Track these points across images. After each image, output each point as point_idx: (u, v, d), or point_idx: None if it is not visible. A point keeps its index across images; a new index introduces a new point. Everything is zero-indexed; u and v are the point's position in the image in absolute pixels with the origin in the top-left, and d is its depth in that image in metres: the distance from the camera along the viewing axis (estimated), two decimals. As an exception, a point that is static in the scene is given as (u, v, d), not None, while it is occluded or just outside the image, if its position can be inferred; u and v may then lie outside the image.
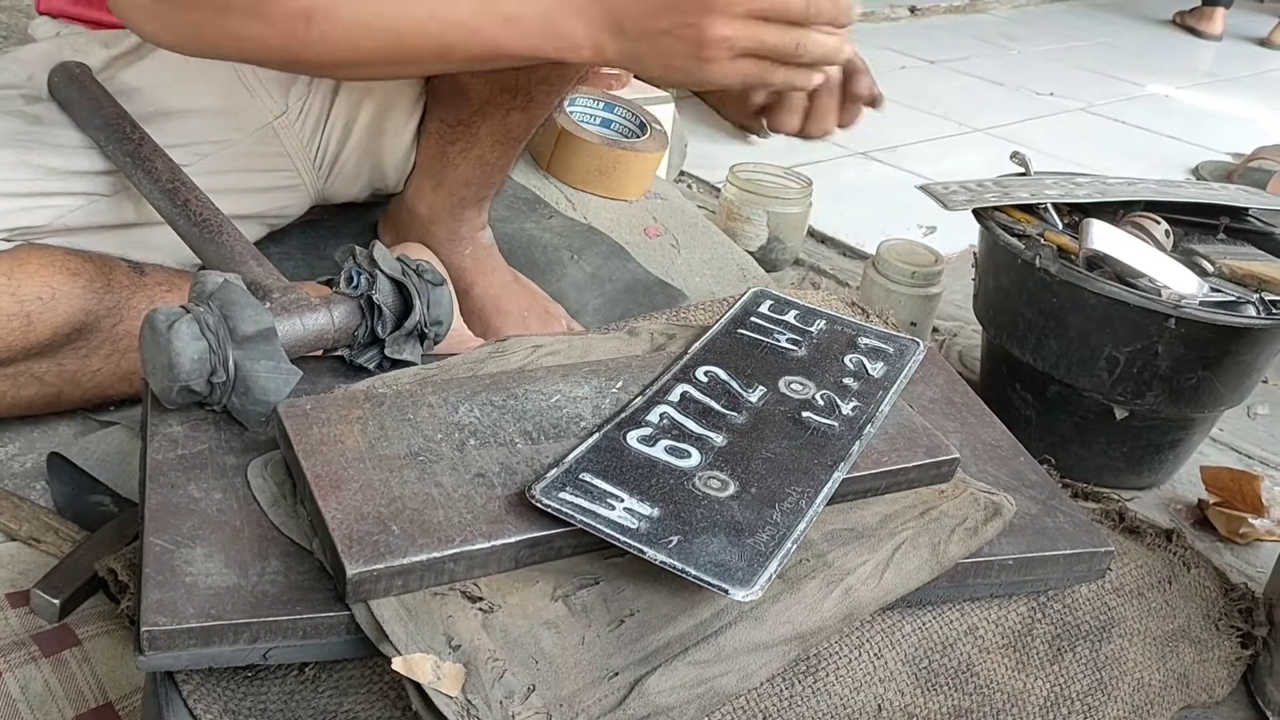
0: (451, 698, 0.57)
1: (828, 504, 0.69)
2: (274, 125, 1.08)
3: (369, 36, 0.81)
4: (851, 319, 0.89)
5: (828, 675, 0.68)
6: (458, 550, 0.62)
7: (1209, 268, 1.10)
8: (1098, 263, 1.05)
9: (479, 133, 1.10)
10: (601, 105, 1.60)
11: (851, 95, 0.95)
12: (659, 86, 0.78)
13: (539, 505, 0.63)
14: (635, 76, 1.64)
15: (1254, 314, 1.03)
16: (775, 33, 0.78)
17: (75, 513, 0.90)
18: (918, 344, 0.87)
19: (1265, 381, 1.41)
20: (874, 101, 0.96)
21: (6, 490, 0.91)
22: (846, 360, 0.83)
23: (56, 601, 0.78)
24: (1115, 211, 1.18)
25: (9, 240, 0.95)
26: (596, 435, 0.70)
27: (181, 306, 0.73)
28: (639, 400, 0.75)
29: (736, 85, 0.80)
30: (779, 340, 0.84)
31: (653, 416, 0.73)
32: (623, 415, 0.73)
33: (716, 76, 0.79)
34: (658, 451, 0.69)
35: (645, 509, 0.64)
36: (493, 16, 0.79)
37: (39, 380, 0.95)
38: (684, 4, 0.77)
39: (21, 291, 0.90)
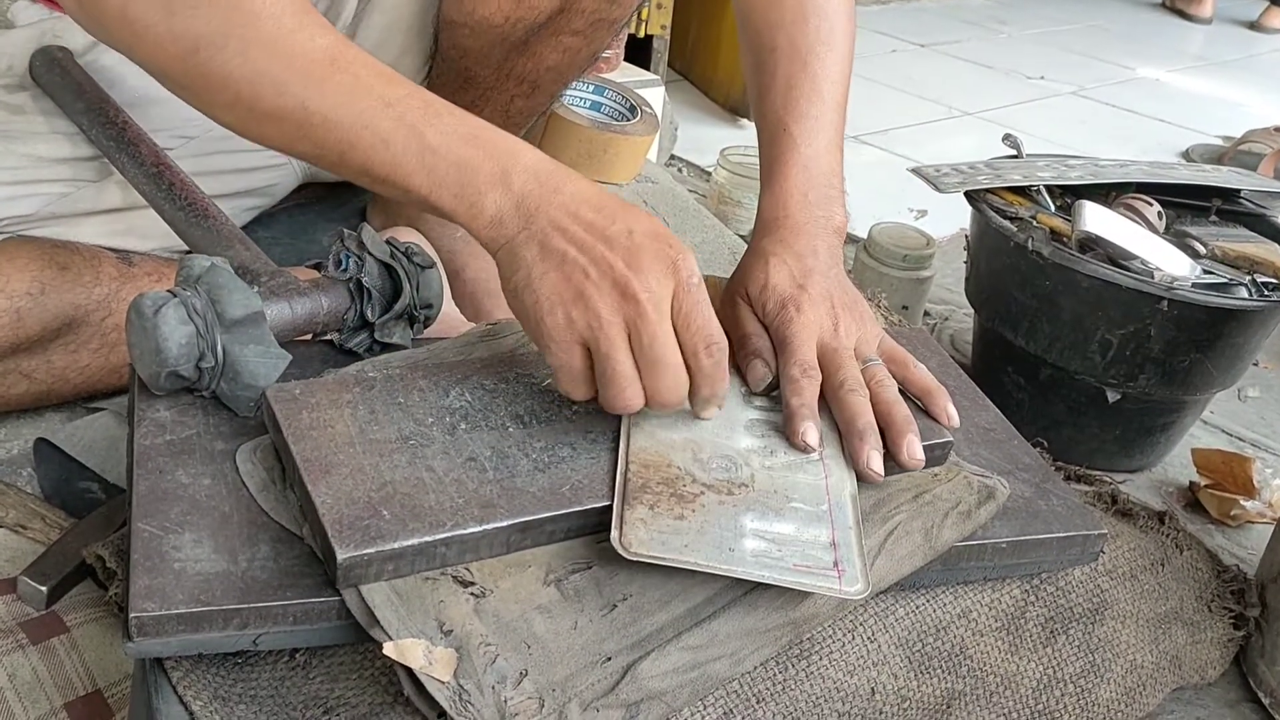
0: (443, 683, 0.57)
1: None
2: None
3: (269, 98, 0.69)
4: None
5: (821, 659, 0.68)
6: (449, 534, 0.61)
7: (1201, 250, 1.10)
8: (1090, 245, 1.05)
9: (479, 117, 1.10)
10: (591, 88, 1.59)
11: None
12: (506, 297, 0.67)
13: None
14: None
15: (1246, 296, 1.03)
16: (626, 361, 0.66)
17: (62, 499, 0.89)
18: None
19: (1256, 364, 1.41)
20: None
21: (-7, 477, 0.91)
22: None
23: (44, 589, 0.77)
24: (1108, 194, 1.18)
25: None
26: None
27: (168, 291, 0.72)
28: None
29: (554, 360, 0.68)
30: None
31: None
32: None
33: (554, 335, 0.67)
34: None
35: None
36: (412, 138, 0.68)
37: (27, 378, 0.95)
38: (604, 258, 0.66)
39: (10, 287, 0.89)
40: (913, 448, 0.72)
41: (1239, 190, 1.22)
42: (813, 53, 0.89)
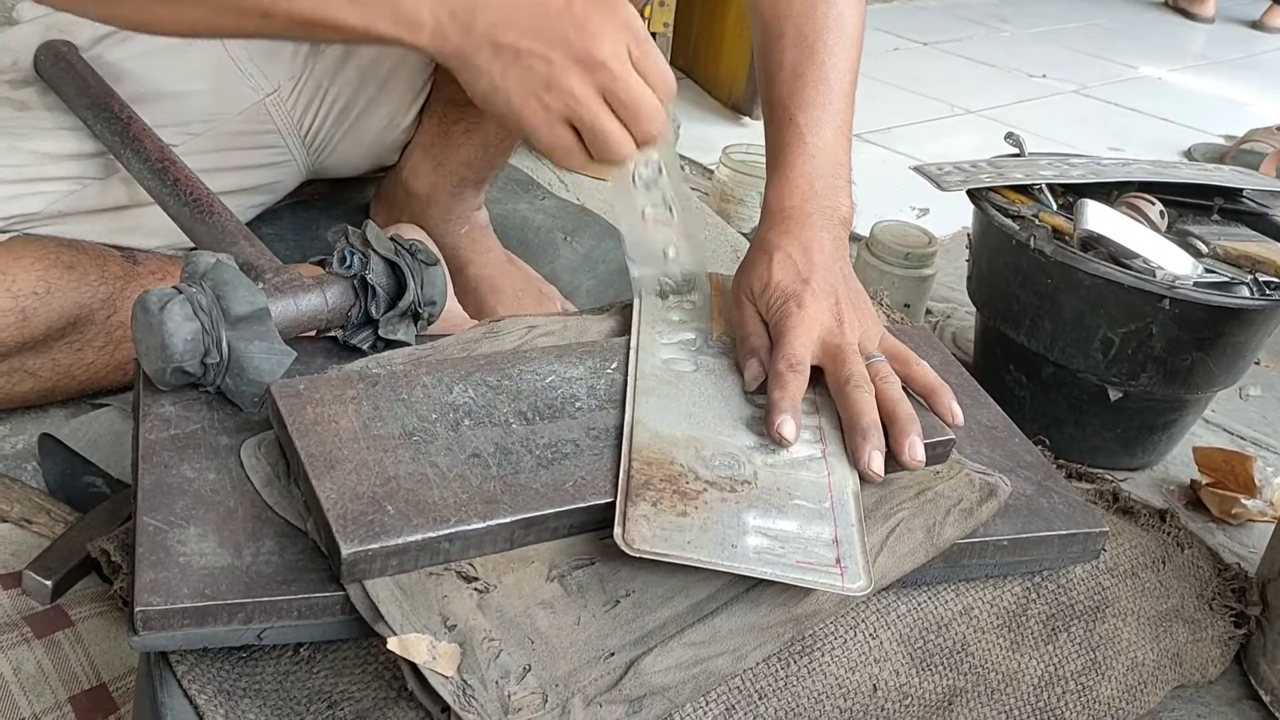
0: (447, 678, 0.57)
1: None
2: (264, 103, 1.07)
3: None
4: None
5: (823, 655, 0.68)
6: (453, 530, 0.62)
7: (1203, 249, 1.10)
8: (1092, 244, 1.05)
9: (485, 113, 1.10)
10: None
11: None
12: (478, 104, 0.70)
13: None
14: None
15: (1248, 295, 1.03)
16: (611, 120, 0.72)
17: (67, 494, 0.90)
18: None
19: (1258, 363, 1.41)
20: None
21: (-2, 472, 0.91)
22: None
23: (49, 583, 0.78)
24: (1110, 192, 1.18)
25: (4, 231, 0.94)
26: None
27: (174, 287, 0.73)
28: None
29: (545, 145, 0.72)
30: None
31: None
32: None
33: (536, 125, 0.71)
34: None
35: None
36: None
37: (33, 375, 0.95)
38: (556, 37, 0.69)
39: (16, 287, 0.90)
40: (915, 449, 0.72)
41: (1241, 189, 1.22)
42: (820, 40, 0.89)
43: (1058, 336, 1.08)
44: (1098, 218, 1.06)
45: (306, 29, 0.71)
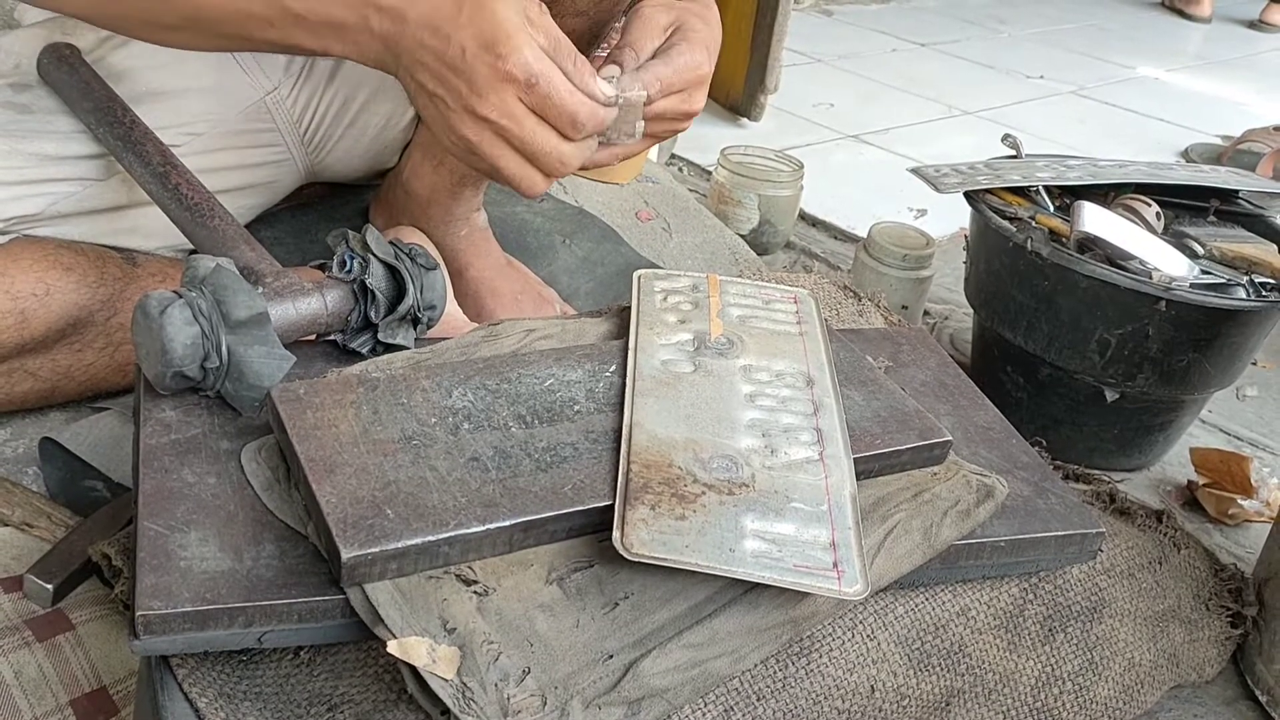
0: (447, 681, 0.57)
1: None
2: (265, 101, 1.07)
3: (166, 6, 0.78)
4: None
5: (821, 657, 0.68)
6: (452, 534, 0.62)
7: (1199, 250, 1.10)
8: (1089, 245, 1.05)
9: None
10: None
11: None
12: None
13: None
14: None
15: (1244, 296, 1.03)
16: (513, 163, 0.75)
17: (68, 498, 0.90)
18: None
19: (1254, 364, 1.41)
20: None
21: (-2, 476, 0.91)
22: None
23: (50, 586, 0.78)
24: (1106, 194, 1.19)
25: (4, 233, 0.95)
26: None
27: (174, 291, 0.73)
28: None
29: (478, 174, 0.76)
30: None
31: None
32: None
33: (456, 157, 0.77)
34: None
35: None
36: (286, 16, 0.75)
37: (32, 376, 0.95)
38: (451, 88, 0.73)
39: (16, 288, 0.90)
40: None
41: (1237, 191, 1.22)
42: None
43: (1055, 338, 1.08)
44: (1094, 220, 1.06)
45: (276, 50, 0.79)
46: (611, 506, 0.65)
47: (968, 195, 1.14)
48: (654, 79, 0.83)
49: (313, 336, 0.82)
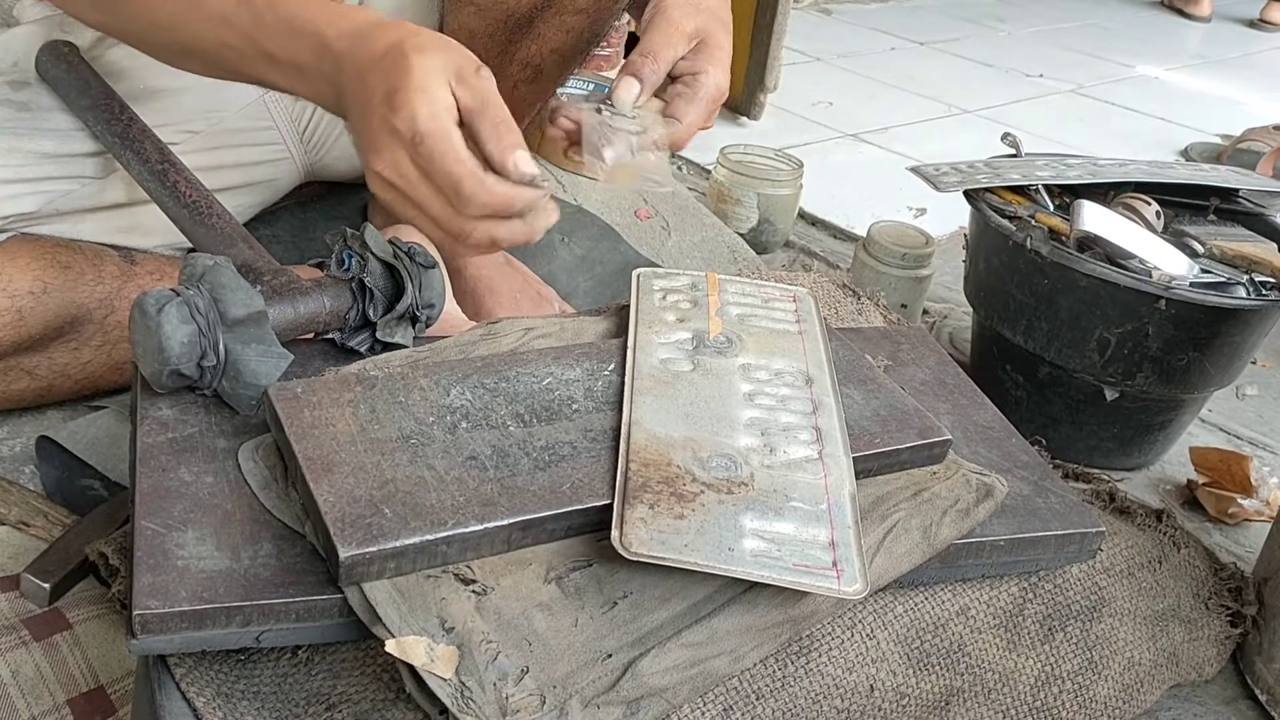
0: (445, 680, 0.57)
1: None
2: (264, 99, 1.07)
3: (158, 36, 0.83)
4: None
5: (820, 656, 0.68)
6: (450, 533, 0.62)
7: (1199, 249, 1.10)
8: (1089, 244, 1.05)
9: None
10: (591, 86, 1.59)
11: None
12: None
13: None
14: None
15: (1244, 295, 1.03)
16: (432, 196, 0.73)
17: (65, 497, 0.90)
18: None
19: (1254, 363, 1.41)
20: None
21: (-4, 474, 0.91)
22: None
23: (47, 586, 0.78)
24: (1106, 193, 1.18)
25: (1, 231, 0.94)
26: None
27: (171, 289, 0.73)
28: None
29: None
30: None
31: None
32: None
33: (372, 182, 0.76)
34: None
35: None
36: (259, 55, 0.78)
37: (29, 374, 0.95)
38: (361, 141, 0.74)
39: (13, 286, 0.90)
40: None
41: (1237, 189, 1.22)
42: None
43: (1054, 337, 1.08)
44: (1094, 218, 1.06)
45: (267, 86, 0.83)
46: (610, 505, 0.65)
47: (967, 194, 1.14)
48: (686, 133, 0.86)
49: (311, 335, 0.82)
